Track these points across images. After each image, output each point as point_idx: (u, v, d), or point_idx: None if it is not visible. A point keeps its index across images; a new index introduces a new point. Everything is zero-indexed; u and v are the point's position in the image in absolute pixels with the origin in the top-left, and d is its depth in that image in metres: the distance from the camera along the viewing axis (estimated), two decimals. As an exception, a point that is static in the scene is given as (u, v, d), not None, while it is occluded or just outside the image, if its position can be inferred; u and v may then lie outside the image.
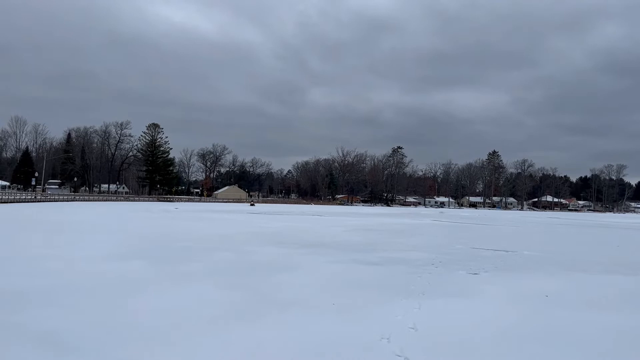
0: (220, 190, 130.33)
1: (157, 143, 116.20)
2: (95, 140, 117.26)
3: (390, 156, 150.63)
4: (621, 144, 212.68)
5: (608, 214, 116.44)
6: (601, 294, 7.81)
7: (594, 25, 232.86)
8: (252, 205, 70.55)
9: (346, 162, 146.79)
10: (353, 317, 5.76)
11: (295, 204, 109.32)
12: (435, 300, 6.87)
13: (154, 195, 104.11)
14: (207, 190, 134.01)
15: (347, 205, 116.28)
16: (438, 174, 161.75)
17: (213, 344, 4.61)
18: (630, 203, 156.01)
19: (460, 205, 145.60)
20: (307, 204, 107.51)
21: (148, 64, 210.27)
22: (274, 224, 25.87)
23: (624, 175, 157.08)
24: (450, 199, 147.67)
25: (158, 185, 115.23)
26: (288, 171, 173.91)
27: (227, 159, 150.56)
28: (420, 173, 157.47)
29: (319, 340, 4.80)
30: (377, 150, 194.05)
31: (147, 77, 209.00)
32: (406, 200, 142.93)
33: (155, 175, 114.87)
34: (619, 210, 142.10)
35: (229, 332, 5.03)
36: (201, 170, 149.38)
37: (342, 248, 13.84)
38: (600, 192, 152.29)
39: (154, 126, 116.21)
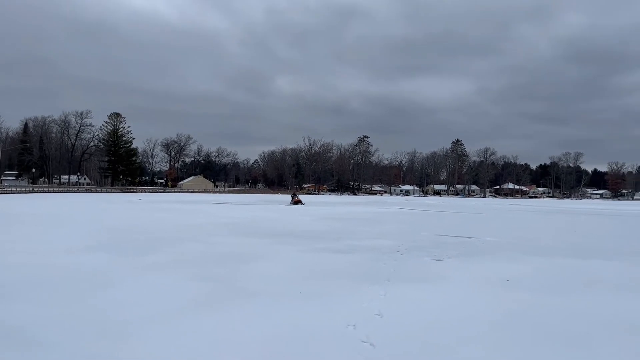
0: (185, 181, 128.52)
1: (120, 133, 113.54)
2: (54, 130, 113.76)
3: (356, 145, 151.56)
4: (580, 133, 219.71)
5: (566, 200, 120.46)
6: (560, 278, 8.10)
7: (559, 14, 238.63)
8: (296, 201, 41.67)
9: (313, 151, 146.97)
10: (319, 305, 5.81)
11: (262, 193, 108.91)
12: (400, 286, 6.99)
13: (116, 187, 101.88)
14: (171, 180, 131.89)
15: (314, 194, 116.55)
16: (403, 162, 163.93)
17: (181, 334, 4.57)
18: (587, 189, 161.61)
19: (425, 193, 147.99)
20: (274, 193, 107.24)
21: (109, 50, 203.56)
22: (241, 214, 25.73)
23: (581, 163, 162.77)
24: (415, 187, 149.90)
25: (121, 176, 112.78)
26: (255, 161, 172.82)
27: (192, 148, 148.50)
28: (386, 162, 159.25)
29: (286, 328, 4.83)
30: (344, 140, 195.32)
31: (108, 65, 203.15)
32: (372, 188, 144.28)
33: (118, 165, 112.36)
34: (576, 197, 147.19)
35: (196, 322, 5.00)
36: (165, 160, 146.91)
37: (310, 237, 13.90)
38: (559, 179, 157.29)
39: (116, 115, 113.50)
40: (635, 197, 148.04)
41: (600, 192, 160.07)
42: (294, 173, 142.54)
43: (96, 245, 11.14)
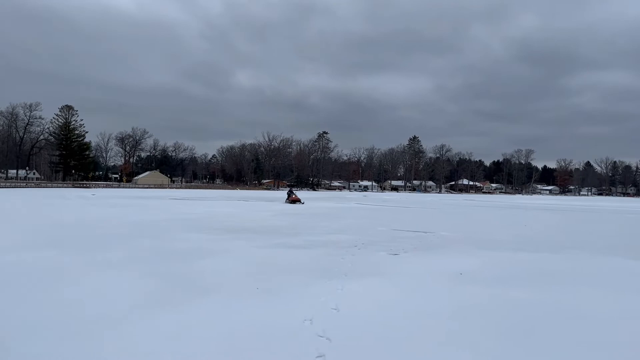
0: (140, 176, 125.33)
1: (72, 126, 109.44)
2: (1, 123, 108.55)
3: (316, 141, 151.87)
4: (531, 130, 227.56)
5: (517, 195, 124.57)
6: (510, 271, 8.38)
7: (512, 15, 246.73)
8: (293, 200, 35.63)
9: (272, 146, 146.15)
10: (276, 300, 5.81)
11: (220, 189, 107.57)
12: (357, 281, 7.08)
13: (68, 182, 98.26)
14: (126, 175, 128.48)
15: (274, 190, 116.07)
16: (362, 158, 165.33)
17: (135, 332, 4.48)
18: (537, 185, 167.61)
19: (383, 188, 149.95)
20: (233, 189, 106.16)
21: (60, 40, 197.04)
22: (198, 210, 25.35)
23: (532, 160, 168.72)
24: (374, 183, 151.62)
25: (73, 171, 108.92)
26: (213, 156, 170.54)
27: (148, 143, 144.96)
28: (345, 158, 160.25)
29: (242, 324, 4.81)
30: (304, 135, 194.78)
31: (59, 55, 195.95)
32: (331, 184, 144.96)
33: (70, 160, 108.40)
34: (527, 192, 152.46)
35: (151, 319, 4.91)
36: (120, 155, 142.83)
37: (268, 233, 13.85)
38: (511, 175, 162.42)
39: (68, 108, 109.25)
40: (581, 193, 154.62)
41: (550, 187, 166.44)
42: (253, 168, 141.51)
43: (45, 241, 10.75)
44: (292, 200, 35.69)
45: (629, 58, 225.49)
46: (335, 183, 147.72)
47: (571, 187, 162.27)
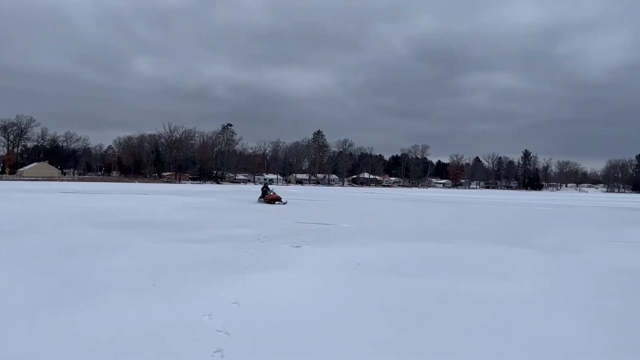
0: (26, 167, 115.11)
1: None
2: None
3: (220, 133, 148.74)
4: (428, 127, 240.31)
5: (414, 188, 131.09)
6: (407, 260, 8.84)
7: (412, 16, 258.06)
8: (271, 198, 27.43)
9: (174, 138, 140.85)
10: (175, 296, 5.66)
11: (117, 182, 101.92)
12: (258, 274, 7.08)
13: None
14: (9, 167, 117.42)
15: (175, 183, 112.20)
16: (267, 151, 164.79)
17: (23, 334, 4.14)
18: (432, 179, 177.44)
19: (288, 182, 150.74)
20: (131, 182, 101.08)
21: None
22: (93, 204, 23.84)
23: (427, 155, 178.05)
24: (279, 176, 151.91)
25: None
26: (109, 147, 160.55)
27: (35, 132, 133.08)
28: (251, 151, 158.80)
29: (138, 321, 4.62)
30: (207, 127, 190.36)
31: None
32: (236, 177, 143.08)
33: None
34: (423, 185, 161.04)
35: (40, 320, 4.56)
36: (2, 144, 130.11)
37: (168, 227, 13.40)
38: (408, 170, 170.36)
39: None
40: (471, 186, 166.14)
41: (443, 181, 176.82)
42: (153, 160, 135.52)
43: None
44: (271, 198, 27.35)
45: (514, 61, 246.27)
46: (240, 176, 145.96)
47: (462, 180, 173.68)
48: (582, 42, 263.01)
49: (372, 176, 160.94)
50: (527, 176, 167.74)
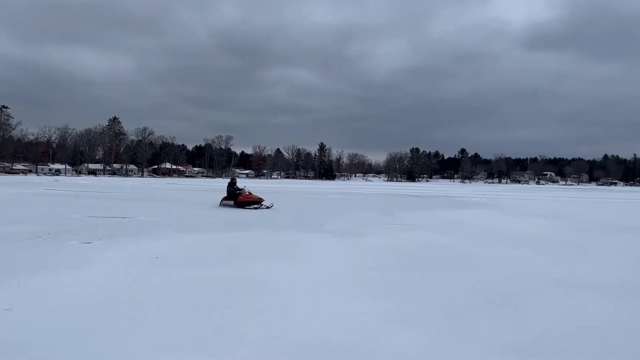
0: None
1: None
2: None
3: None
4: (231, 118, 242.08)
5: (218, 179, 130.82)
6: (206, 251, 8.82)
7: (216, 4, 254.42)
8: (241, 200, 19.75)
9: None
10: None
11: None
12: (38, 275, 6.36)
13: None
14: None
15: None
16: (53, 139, 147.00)
17: None
18: (236, 169, 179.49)
19: (79, 172, 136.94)
20: None
21: None
22: None
23: (231, 145, 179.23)
24: (68, 167, 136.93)
25: None
26: None
27: None
28: (32, 137, 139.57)
29: None
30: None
31: None
32: (14, 167, 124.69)
33: None
34: (227, 176, 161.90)
35: None
36: None
37: None
38: (212, 160, 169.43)
39: None
40: (272, 177, 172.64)
41: (247, 172, 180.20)
42: None
43: None
44: (246, 201, 20.07)
45: (311, 58, 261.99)
46: (20, 166, 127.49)
47: (264, 171, 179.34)
48: (369, 45, 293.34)
49: (174, 166, 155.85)
50: (323, 167, 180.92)
